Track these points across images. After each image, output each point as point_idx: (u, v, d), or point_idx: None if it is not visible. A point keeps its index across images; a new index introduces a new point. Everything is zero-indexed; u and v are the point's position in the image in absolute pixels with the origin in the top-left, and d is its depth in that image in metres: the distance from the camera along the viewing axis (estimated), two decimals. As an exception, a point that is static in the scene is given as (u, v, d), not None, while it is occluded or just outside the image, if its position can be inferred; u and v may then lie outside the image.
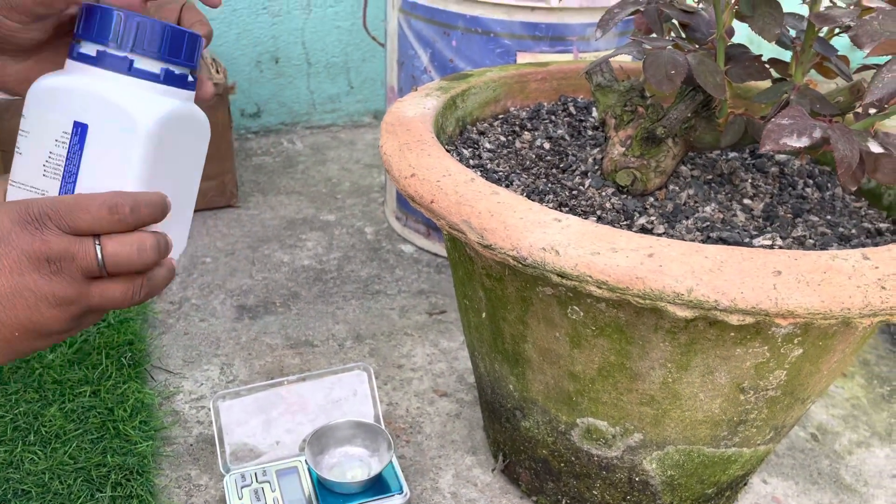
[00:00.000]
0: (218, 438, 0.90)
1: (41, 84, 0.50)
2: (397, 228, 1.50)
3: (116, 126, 0.49)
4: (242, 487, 0.87)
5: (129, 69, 0.50)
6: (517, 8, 1.18)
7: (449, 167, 0.70)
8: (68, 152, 0.49)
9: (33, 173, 0.50)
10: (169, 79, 0.51)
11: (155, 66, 0.50)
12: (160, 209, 0.49)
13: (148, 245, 0.48)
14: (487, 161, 0.85)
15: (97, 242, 0.46)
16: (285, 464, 0.90)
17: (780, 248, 0.69)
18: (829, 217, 0.78)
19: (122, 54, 0.49)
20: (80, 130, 0.49)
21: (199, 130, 0.55)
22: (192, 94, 0.54)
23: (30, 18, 0.50)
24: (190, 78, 0.53)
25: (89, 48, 0.50)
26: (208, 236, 1.44)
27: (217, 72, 1.45)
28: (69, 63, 0.51)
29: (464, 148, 0.87)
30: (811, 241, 0.72)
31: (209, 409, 1.02)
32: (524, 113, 0.97)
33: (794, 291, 0.55)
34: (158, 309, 1.23)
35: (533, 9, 1.18)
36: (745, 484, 0.89)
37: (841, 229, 0.75)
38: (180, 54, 0.51)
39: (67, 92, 0.49)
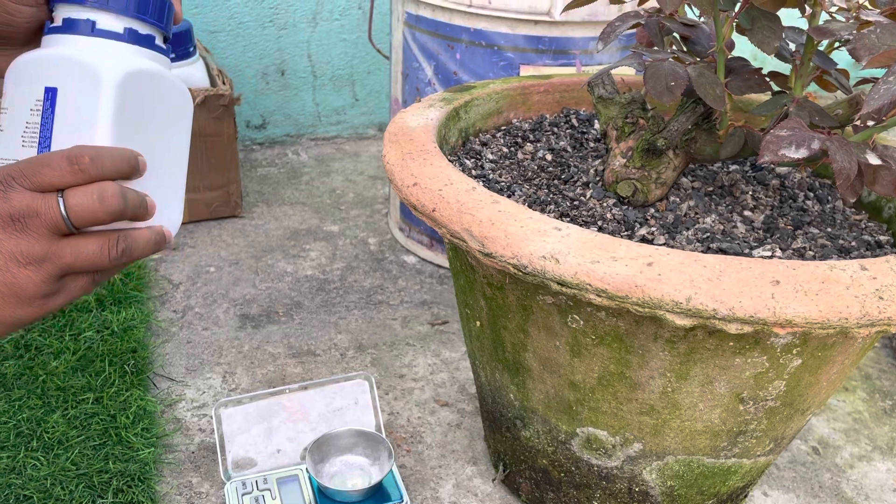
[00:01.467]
0: (219, 446, 0.91)
1: (16, 61, 0.51)
2: (400, 239, 1.50)
3: (83, 83, 0.49)
4: (243, 495, 0.87)
5: (93, 30, 0.50)
6: (521, 21, 1.19)
7: (451, 176, 0.71)
8: (42, 118, 0.50)
9: (14, 146, 0.51)
10: (134, 38, 0.52)
11: (118, 26, 0.51)
12: (127, 163, 0.48)
13: (109, 192, 0.46)
14: (490, 171, 0.85)
15: (60, 196, 0.46)
16: (286, 472, 0.91)
17: (780, 259, 0.70)
18: (829, 229, 0.78)
19: (84, 17, 0.50)
20: (50, 95, 0.50)
21: (176, 97, 0.55)
22: (165, 59, 0.54)
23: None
24: (159, 42, 0.53)
25: (58, 19, 0.51)
26: (212, 246, 1.45)
27: (223, 83, 1.47)
28: (42, 40, 0.52)
29: (466, 158, 0.88)
30: (811, 252, 0.73)
31: (211, 417, 1.03)
32: (526, 125, 0.98)
33: (792, 301, 0.56)
34: (162, 317, 1.23)
35: (536, 22, 1.19)
36: (746, 496, 0.89)
37: (841, 242, 0.75)
38: (147, 13, 0.52)
39: (37, 61, 0.50)
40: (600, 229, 0.74)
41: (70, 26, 0.51)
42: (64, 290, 0.48)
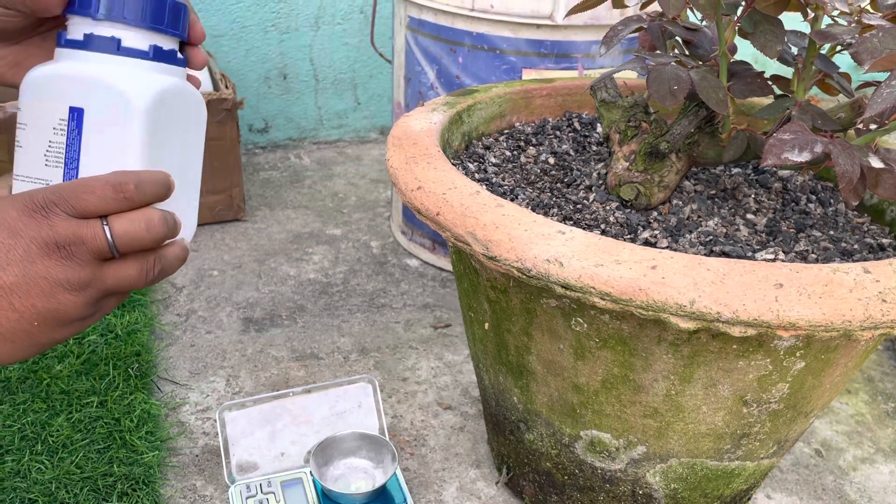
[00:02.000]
0: (223, 449, 0.91)
1: (33, 74, 0.50)
2: (403, 243, 1.51)
3: (112, 107, 0.49)
4: (247, 498, 0.87)
5: (118, 49, 0.49)
6: (523, 25, 1.19)
7: (455, 180, 0.71)
8: (67, 139, 0.49)
9: (36, 164, 0.50)
10: (158, 55, 0.51)
11: (143, 44, 0.50)
12: (164, 187, 0.49)
13: (156, 220, 0.48)
14: (493, 175, 0.86)
15: (105, 223, 0.47)
16: (290, 475, 0.91)
17: (783, 262, 0.70)
18: (831, 232, 0.78)
19: (109, 34, 0.49)
20: (76, 116, 0.49)
21: (195, 109, 0.54)
22: (184, 70, 0.53)
23: (20, 11, 0.50)
24: (179, 55, 0.53)
25: (76, 32, 0.50)
26: (216, 249, 1.45)
27: (226, 87, 1.47)
28: (58, 51, 0.51)
29: (469, 162, 0.88)
30: (814, 255, 0.73)
31: (215, 421, 1.03)
32: (529, 128, 0.99)
33: (796, 304, 0.56)
34: (165, 321, 1.23)
35: (538, 26, 1.19)
36: (749, 499, 0.89)
37: (843, 244, 0.75)
38: (166, 25, 0.50)
39: (59, 79, 0.49)
40: (603, 233, 0.74)
41: (92, 42, 0.49)
42: (99, 311, 0.49)
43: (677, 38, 0.79)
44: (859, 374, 1.21)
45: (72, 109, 0.49)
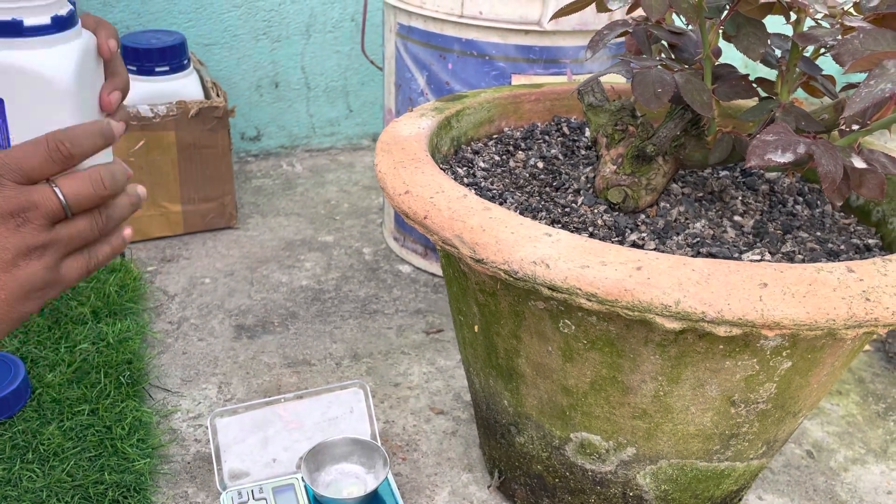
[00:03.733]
0: (215, 456, 0.91)
1: None
2: (395, 249, 1.51)
3: (33, 92, 0.48)
4: (239, 504, 0.87)
5: (23, 31, 0.49)
6: (511, 31, 1.20)
7: (442, 184, 0.71)
8: None
9: None
10: (61, 24, 0.50)
11: (45, 17, 0.49)
12: (101, 135, 0.50)
13: (101, 175, 0.49)
14: (482, 179, 0.86)
15: (55, 185, 0.48)
16: (282, 481, 0.91)
17: (769, 262, 0.70)
18: (818, 233, 0.79)
19: (9, 17, 0.48)
20: None
21: (95, 53, 0.53)
22: (79, 21, 0.52)
23: None
24: (70, 6, 0.52)
25: None
26: (208, 257, 1.45)
27: (217, 95, 1.47)
28: None
29: (458, 167, 0.89)
30: (800, 256, 0.73)
31: (206, 428, 1.03)
32: (518, 133, 0.99)
33: (780, 303, 0.56)
34: (157, 329, 1.23)
35: (527, 32, 1.20)
36: (740, 500, 0.89)
37: (830, 245, 0.76)
38: None
39: None
40: (591, 235, 0.75)
41: None
42: (63, 277, 0.50)
43: (663, 41, 0.79)
44: (850, 374, 1.22)
45: None
